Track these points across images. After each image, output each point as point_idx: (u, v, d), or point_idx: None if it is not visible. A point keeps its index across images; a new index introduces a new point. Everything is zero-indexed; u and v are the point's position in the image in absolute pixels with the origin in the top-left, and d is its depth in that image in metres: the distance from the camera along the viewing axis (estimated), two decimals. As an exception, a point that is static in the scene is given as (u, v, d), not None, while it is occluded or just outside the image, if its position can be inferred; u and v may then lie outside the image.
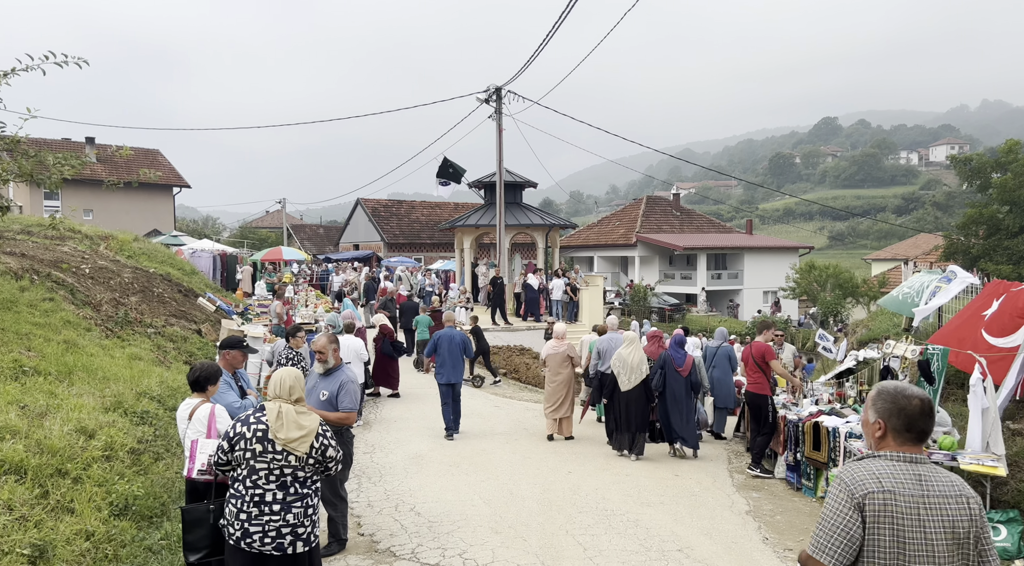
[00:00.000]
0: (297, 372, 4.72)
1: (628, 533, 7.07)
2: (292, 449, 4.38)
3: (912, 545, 2.65)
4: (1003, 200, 32.26)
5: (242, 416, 4.51)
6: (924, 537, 2.66)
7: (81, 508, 5.73)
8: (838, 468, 7.25)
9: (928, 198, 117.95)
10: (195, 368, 5.67)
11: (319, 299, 22.02)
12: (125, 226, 26.97)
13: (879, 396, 2.90)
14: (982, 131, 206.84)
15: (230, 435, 4.42)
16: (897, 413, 2.81)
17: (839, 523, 2.70)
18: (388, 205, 50.31)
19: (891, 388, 2.90)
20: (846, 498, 2.71)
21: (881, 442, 2.84)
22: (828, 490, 2.86)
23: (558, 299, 24.22)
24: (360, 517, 7.45)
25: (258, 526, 4.31)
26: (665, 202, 54.54)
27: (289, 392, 4.56)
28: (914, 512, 2.67)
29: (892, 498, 2.67)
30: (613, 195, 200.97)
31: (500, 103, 24.35)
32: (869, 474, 2.72)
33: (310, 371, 6.86)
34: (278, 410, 4.45)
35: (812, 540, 2.78)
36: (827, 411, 8.76)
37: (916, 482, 2.71)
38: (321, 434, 4.52)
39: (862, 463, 2.80)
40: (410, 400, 14.22)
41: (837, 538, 2.70)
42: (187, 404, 5.56)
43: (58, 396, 7.60)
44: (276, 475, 4.37)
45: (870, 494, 2.68)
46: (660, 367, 10.31)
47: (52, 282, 12.24)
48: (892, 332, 13.75)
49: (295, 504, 4.38)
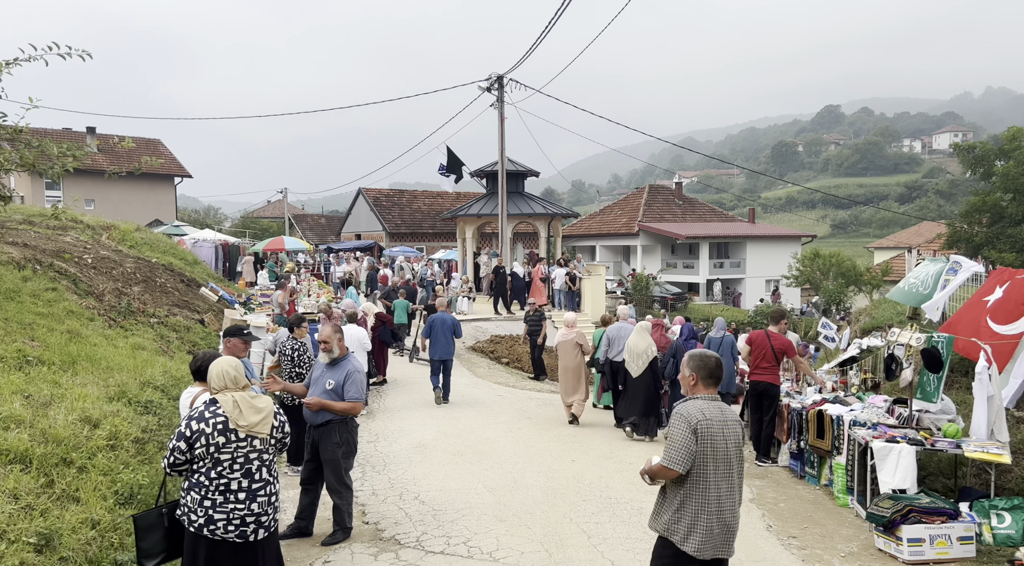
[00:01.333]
0: (234, 360, 4.75)
1: (632, 521, 7.08)
2: (256, 433, 4.49)
3: (719, 450, 4.10)
4: (1006, 188, 32.16)
5: (193, 414, 4.49)
6: (724, 444, 4.12)
7: (86, 497, 5.73)
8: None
9: (931, 186, 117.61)
10: (197, 357, 5.68)
11: (321, 289, 22.03)
12: (126, 216, 26.98)
13: (691, 359, 4.35)
14: (986, 118, 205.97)
15: (187, 435, 4.38)
16: (703, 368, 4.26)
17: (683, 442, 4.06)
18: (390, 194, 50.24)
19: (698, 354, 4.39)
20: (686, 426, 4.09)
21: (695, 389, 4.29)
22: (672, 421, 4.18)
23: (559, 289, 24.21)
24: (364, 505, 7.47)
25: (223, 514, 4.38)
26: (667, 191, 54.35)
27: (235, 381, 4.60)
28: (719, 430, 4.12)
29: (709, 424, 4.10)
30: (615, 184, 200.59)
31: (502, 91, 24.27)
32: (696, 409, 4.15)
33: (315, 361, 6.86)
34: (233, 400, 4.50)
35: (664, 456, 4.11)
36: (831, 399, 8.75)
37: (719, 412, 4.18)
38: (277, 412, 4.67)
39: (689, 403, 4.22)
40: (412, 389, 14.23)
41: (683, 452, 4.05)
42: (189, 392, 5.58)
43: (62, 386, 7.60)
44: (240, 463, 4.45)
45: (699, 422, 4.08)
46: (672, 356, 10.85)
47: (55, 272, 12.23)
48: (896, 320, 13.74)
49: (259, 493, 4.49)
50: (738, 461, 4.20)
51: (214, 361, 4.73)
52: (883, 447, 6.75)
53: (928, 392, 7.48)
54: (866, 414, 7.69)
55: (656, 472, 4.16)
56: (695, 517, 4.05)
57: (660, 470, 4.11)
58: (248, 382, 4.77)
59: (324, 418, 6.46)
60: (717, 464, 4.08)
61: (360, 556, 6.22)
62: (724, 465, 4.10)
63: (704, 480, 4.06)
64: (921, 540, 5.98)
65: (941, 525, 6.02)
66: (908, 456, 6.62)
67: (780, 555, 6.29)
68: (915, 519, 6.04)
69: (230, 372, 4.61)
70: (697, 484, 4.06)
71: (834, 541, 6.68)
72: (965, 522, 6.13)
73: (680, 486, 4.10)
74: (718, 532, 4.07)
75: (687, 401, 4.24)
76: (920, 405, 7.60)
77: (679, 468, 4.02)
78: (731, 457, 4.14)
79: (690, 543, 4.05)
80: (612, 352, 11.34)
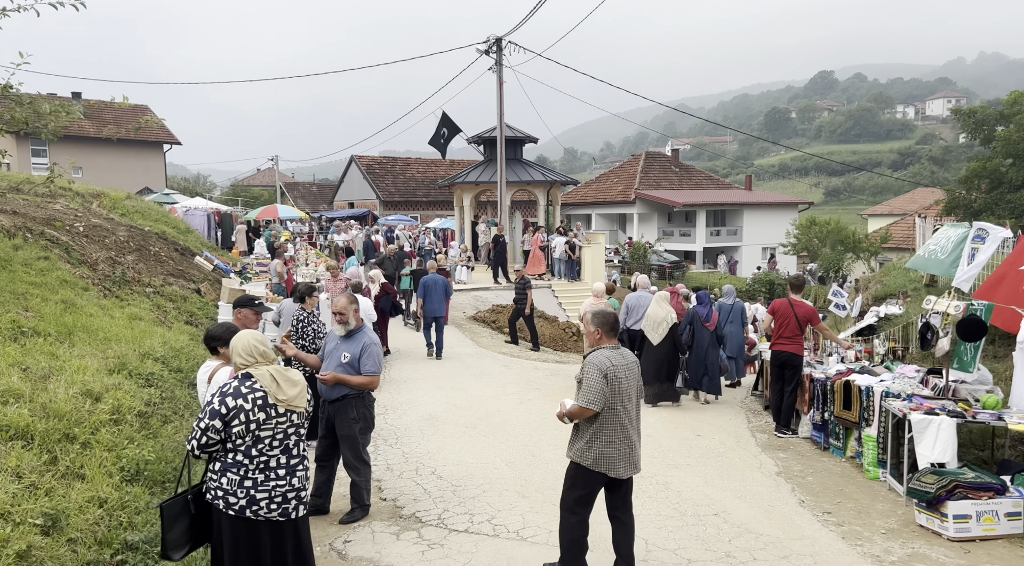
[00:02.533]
0: (258, 333, 4.47)
1: (660, 496, 6.83)
2: (295, 407, 4.26)
3: (623, 389, 4.94)
4: (1007, 153, 31.82)
5: (227, 389, 4.16)
6: (628, 385, 4.98)
7: (92, 474, 5.42)
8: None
9: (924, 153, 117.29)
10: (211, 330, 5.42)
11: (319, 258, 21.61)
12: (115, 184, 26.38)
13: (595, 316, 5.12)
14: (979, 84, 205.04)
15: (222, 412, 4.06)
16: (606, 324, 5.08)
17: (598, 386, 4.83)
18: (383, 162, 49.50)
19: (600, 311, 5.17)
20: (599, 372, 4.85)
21: (600, 341, 5.07)
22: (586, 370, 4.91)
23: (559, 258, 23.88)
24: (380, 481, 7.18)
25: (264, 493, 4.14)
26: (664, 158, 53.76)
27: (264, 355, 4.31)
28: (623, 373, 4.95)
29: (616, 368, 4.90)
30: (608, 152, 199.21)
31: (500, 54, 23.63)
32: (605, 357, 4.94)
33: (328, 333, 6.50)
34: (269, 373, 4.22)
35: (582, 399, 4.87)
36: (857, 369, 8.49)
37: (622, 358, 5.01)
38: (308, 385, 4.46)
39: (599, 353, 4.98)
40: (418, 360, 13.94)
41: (598, 394, 4.83)
42: (207, 366, 5.31)
43: (60, 358, 7.25)
44: (279, 439, 4.22)
45: (609, 368, 4.88)
46: (689, 322, 10.90)
47: (46, 240, 11.80)
48: (909, 287, 13.49)
49: (298, 467, 4.30)
50: (638, 396, 5.12)
51: (237, 335, 4.40)
52: (922, 419, 6.48)
53: (964, 362, 7.22)
54: (898, 385, 7.43)
55: (576, 413, 4.91)
56: (607, 445, 4.89)
57: (580, 411, 4.88)
58: (275, 356, 4.46)
59: (340, 393, 6.15)
60: (623, 401, 4.94)
61: (381, 535, 5.94)
62: (628, 401, 4.98)
63: (614, 415, 4.90)
64: (967, 516, 5.75)
65: (988, 501, 5.78)
66: (948, 429, 6.36)
67: (819, 532, 6.05)
68: (961, 495, 5.80)
69: (258, 346, 4.31)
70: (608, 418, 4.89)
71: (871, 516, 6.45)
72: (1013, 497, 5.88)
73: (593, 421, 4.91)
74: (627, 454, 4.97)
75: (597, 351, 5.01)
76: (956, 375, 7.34)
77: (596, 408, 4.83)
78: (633, 394, 5.05)
79: (603, 465, 4.91)
80: (630, 321, 11.43)
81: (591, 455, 4.89)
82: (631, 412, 5.01)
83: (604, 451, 4.87)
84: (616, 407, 4.87)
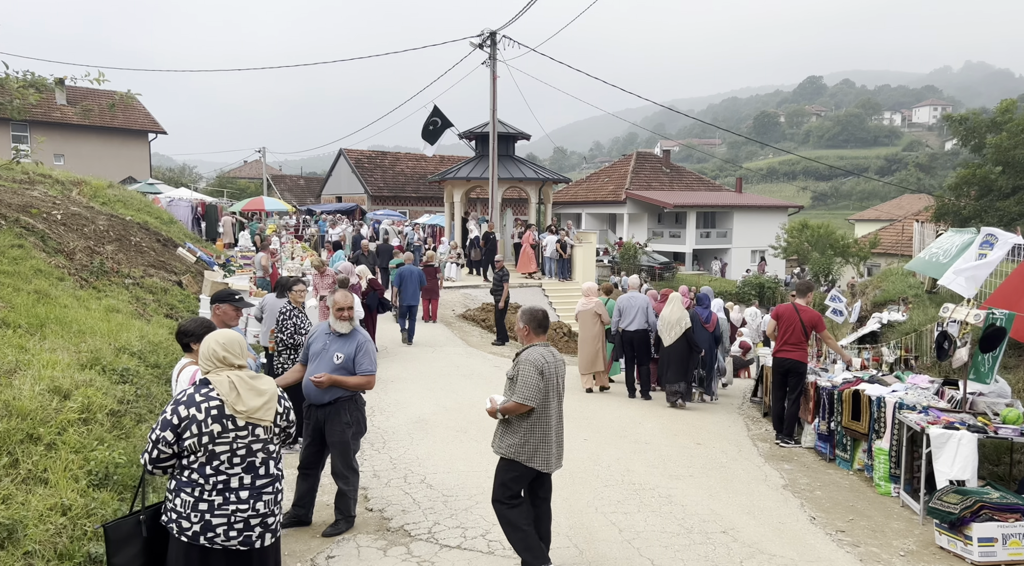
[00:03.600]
0: (229, 333, 3.91)
1: (663, 511, 6.46)
2: (257, 420, 3.72)
3: (554, 385, 4.98)
4: (997, 160, 31.78)
5: (180, 397, 3.69)
6: (557, 380, 5.04)
7: (56, 479, 5.01)
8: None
9: (911, 159, 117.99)
10: (184, 325, 4.93)
11: (305, 252, 21.13)
12: (98, 173, 25.72)
13: (523, 314, 5.17)
14: (964, 93, 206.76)
15: (173, 422, 3.60)
16: (534, 321, 5.11)
17: (534, 382, 4.83)
18: (372, 156, 48.92)
19: (528, 309, 5.20)
20: (534, 369, 4.86)
21: (529, 337, 5.11)
22: (521, 366, 4.89)
23: (549, 256, 23.51)
24: (366, 489, 6.77)
25: (222, 517, 3.63)
26: (655, 159, 53.48)
27: (223, 360, 3.78)
28: (553, 369, 4.98)
29: (548, 365, 4.92)
30: (597, 151, 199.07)
31: (495, 48, 23.22)
32: (538, 354, 4.94)
33: (313, 332, 6.07)
34: (229, 380, 3.71)
35: (518, 395, 4.83)
36: (866, 378, 8.17)
37: (551, 355, 5.03)
38: (281, 396, 3.92)
39: (531, 350, 4.98)
40: (405, 359, 13.53)
41: (535, 390, 4.83)
42: (180, 363, 4.87)
43: (29, 351, 6.81)
44: (241, 456, 3.69)
45: (544, 364, 4.92)
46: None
47: (21, 228, 11.30)
48: (911, 293, 13.23)
49: (266, 490, 3.77)
50: (562, 390, 5.16)
51: (206, 337, 3.91)
52: (941, 434, 6.15)
53: (981, 373, 6.89)
54: (912, 396, 7.10)
55: (511, 409, 4.88)
56: (541, 440, 4.92)
57: (516, 407, 4.86)
58: (244, 361, 3.97)
59: (333, 396, 5.73)
60: (554, 396, 5.00)
61: (367, 550, 5.54)
62: (557, 396, 5.05)
63: (546, 410, 4.94)
64: (993, 540, 5.41)
65: (1015, 523, 5.45)
66: (969, 444, 6.03)
67: (834, 553, 5.69)
68: (987, 516, 5.46)
69: (218, 350, 3.78)
70: (541, 415, 4.92)
71: (887, 536, 6.11)
72: (1041, 520, 5.56)
73: (526, 417, 4.90)
74: (556, 450, 5.06)
75: (531, 348, 5.01)
76: (973, 387, 7.03)
77: (533, 404, 4.83)
78: (561, 390, 5.12)
79: (537, 461, 4.94)
80: (624, 322, 11.15)
81: (526, 451, 4.92)
82: (559, 409, 5.11)
83: (539, 447, 4.93)
84: (549, 403, 4.94)
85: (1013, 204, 30.96)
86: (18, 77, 8.02)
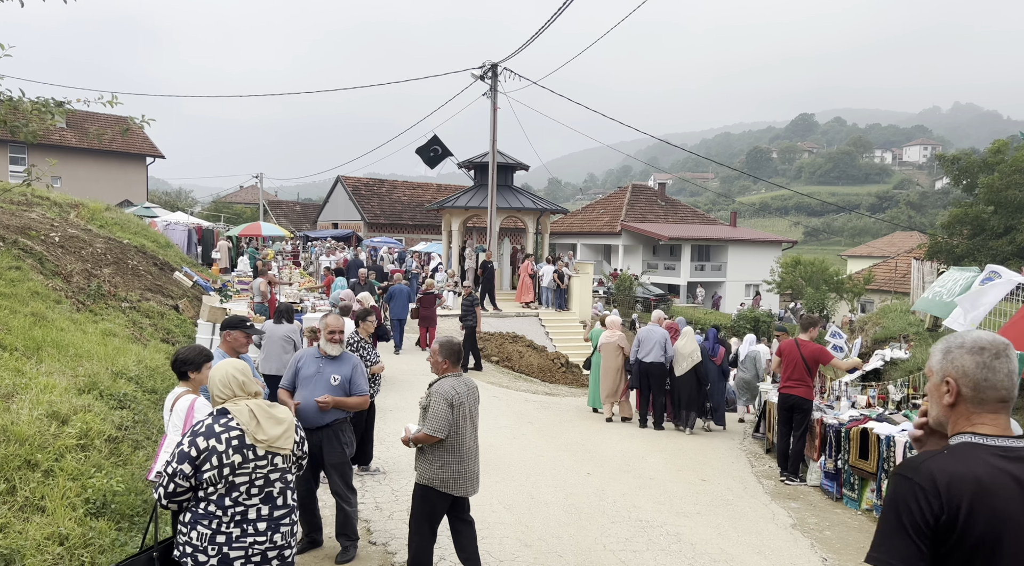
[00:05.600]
0: (240, 362, 3.84)
1: (672, 549, 6.33)
2: (277, 449, 3.64)
3: (466, 414, 5.11)
4: (989, 200, 32.08)
5: (198, 428, 3.58)
6: (469, 410, 5.15)
7: (53, 507, 4.87)
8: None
9: (902, 197, 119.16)
10: (180, 352, 4.79)
11: (302, 278, 21.02)
12: (95, 195, 25.67)
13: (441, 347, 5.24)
14: (953, 133, 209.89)
15: (192, 455, 3.48)
16: (452, 354, 5.24)
17: (443, 414, 4.95)
18: (369, 184, 49.02)
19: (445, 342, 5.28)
20: (444, 401, 4.98)
21: (445, 369, 5.21)
22: (432, 398, 5.02)
23: (547, 286, 23.47)
24: (369, 522, 6.63)
25: (240, 550, 3.53)
26: (650, 191, 53.80)
27: (243, 386, 3.71)
28: (465, 399, 5.12)
29: (460, 395, 5.06)
30: (591, 183, 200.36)
31: (495, 80, 23.39)
32: (450, 386, 5.07)
33: (300, 356, 6.01)
34: (248, 409, 3.63)
35: (428, 426, 4.97)
36: (874, 416, 8.09)
37: (464, 385, 5.17)
38: (297, 425, 3.87)
39: (444, 381, 5.11)
40: (404, 388, 13.39)
41: (444, 422, 4.95)
42: (174, 393, 4.75)
43: (26, 375, 6.68)
44: (259, 486, 3.60)
45: (454, 396, 5.01)
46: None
47: (19, 250, 11.19)
48: (911, 331, 13.21)
49: (283, 521, 3.70)
50: (476, 419, 5.30)
51: (218, 364, 3.82)
52: (955, 474, 6.06)
53: (993, 413, 6.82)
54: (923, 435, 7.02)
55: (421, 439, 5.04)
56: (455, 468, 5.07)
57: (425, 438, 5.01)
58: (259, 388, 3.89)
59: (332, 417, 5.70)
60: (467, 425, 5.12)
61: (372, 586, 5.40)
62: (471, 424, 5.19)
63: (460, 439, 5.07)
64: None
65: None
66: (983, 485, 5.94)
67: (850, 596, 5.59)
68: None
69: (237, 376, 3.70)
70: (455, 443, 5.05)
71: (901, 578, 6.00)
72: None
73: (440, 446, 5.05)
74: (472, 474, 5.19)
75: (442, 380, 5.15)
76: (984, 427, 6.94)
77: (441, 435, 4.97)
78: (474, 417, 5.26)
79: (452, 486, 5.07)
80: (642, 353, 11.47)
81: (440, 478, 5.05)
82: (473, 435, 5.24)
83: (452, 474, 5.07)
84: (462, 431, 5.07)
85: (1005, 243, 31.20)
86: (33, 101, 7.99)
